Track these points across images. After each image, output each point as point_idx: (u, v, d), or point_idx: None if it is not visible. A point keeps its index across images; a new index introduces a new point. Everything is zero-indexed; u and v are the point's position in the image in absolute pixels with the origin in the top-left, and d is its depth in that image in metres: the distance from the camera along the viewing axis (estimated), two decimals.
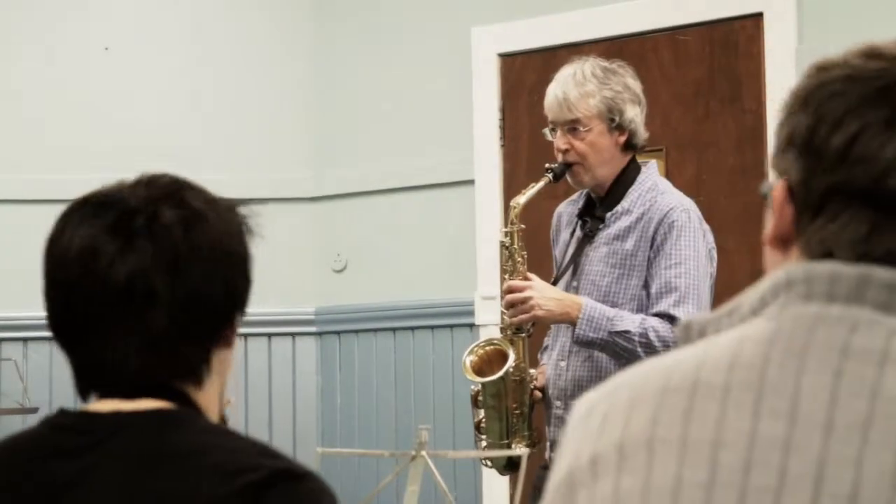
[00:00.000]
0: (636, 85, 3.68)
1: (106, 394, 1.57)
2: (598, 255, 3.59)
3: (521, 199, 3.66)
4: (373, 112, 5.53)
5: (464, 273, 5.20)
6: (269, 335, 5.42)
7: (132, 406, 1.55)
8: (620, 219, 3.59)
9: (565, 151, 3.59)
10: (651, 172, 3.67)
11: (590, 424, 1.18)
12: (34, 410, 4.70)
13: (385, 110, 5.50)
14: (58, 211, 1.61)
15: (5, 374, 5.15)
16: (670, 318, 3.46)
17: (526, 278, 3.60)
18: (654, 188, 3.61)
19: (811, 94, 1.20)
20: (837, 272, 1.14)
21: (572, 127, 3.58)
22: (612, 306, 3.53)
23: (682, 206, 3.56)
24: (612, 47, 5.07)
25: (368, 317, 5.42)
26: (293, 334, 5.50)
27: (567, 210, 3.77)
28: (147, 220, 1.54)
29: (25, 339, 5.29)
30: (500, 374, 3.61)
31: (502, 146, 5.24)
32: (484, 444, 3.68)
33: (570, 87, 3.60)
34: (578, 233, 3.68)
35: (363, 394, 5.41)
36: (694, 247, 3.51)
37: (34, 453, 1.55)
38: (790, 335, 1.13)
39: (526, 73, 5.22)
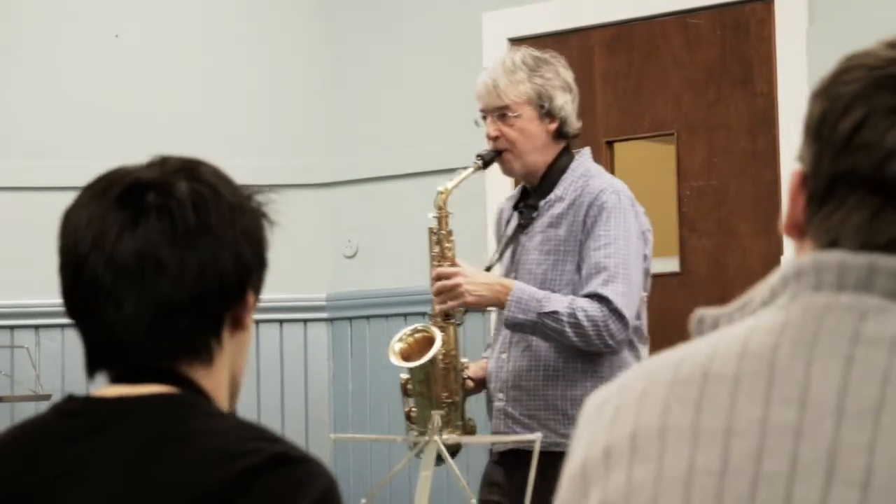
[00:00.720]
0: (568, 74, 3.70)
1: (114, 375, 1.58)
2: (533, 243, 3.61)
3: (449, 184, 3.69)
4: (384, 98, 5.53)
5: (474, 259, 5.18)
6: (281, 321, 5.43)
7: (137, 391, 1.55)
8: (554, 206, 3.60)
9: (495, 138, 3.62)
10: (584, 159, 3.67)
11: (602, 417, 1.19)
12: (47, 397, 4.69)
13: (396, 96, 5.50)
14: (63, 198, 1.62)
15: (18, 361, 5.16)
16: (599, 298, 3.46)
17: (454, 265, 3.61)
18: (586, 173, 3.61)
19: (830, 82, 1.20)
20: (846, 262, 1.15)
21: (502, 113, 3.60)
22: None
23: (611, 189, 3.56)
24: (622, 31, 5.06)
25: (380, 302, 5.42)
26: (305, 320, 5.51)
27: (507, 206, 3.80)
28: (158, 194, 1.55)
29: (37, 327, 5.31)
30: (427, 358, 3.61)
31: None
32: (414, 433, 3.68)
33: (500, 75, 3.61)
34: (514, 222, 3.69)
35: (375, 379, 5.41)
36: (624, 227, 3.51)
37: (41, 440, 1.56)
38: (800, 324, 1.14)
39: None
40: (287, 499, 1.47)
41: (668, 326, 4.85)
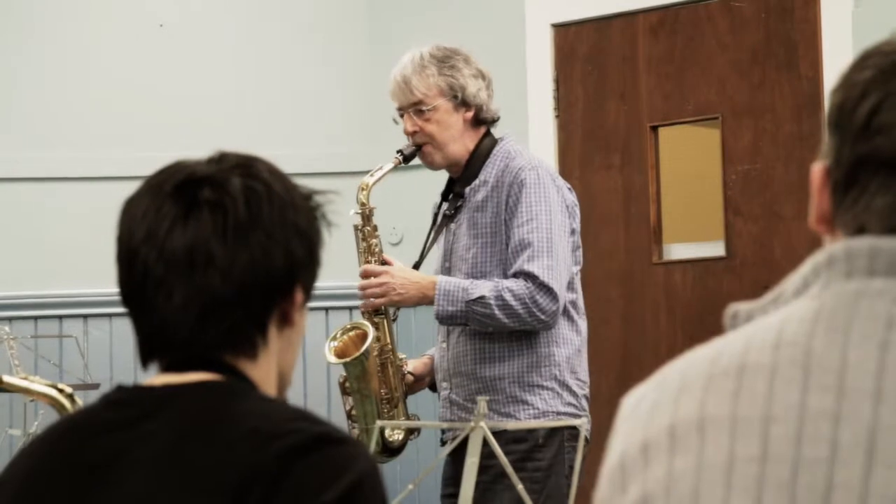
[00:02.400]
0: (477, 63, 3.72)
1: (164, 364, 1.61)
2: (462, 230, 3.63)
3: (370, 179, 3.73)
4: None
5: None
6: (327, 309, 5.44)
7: (183, 378, 1.58)
8: (478, 191, 3.62)
9: (413, 133, 3.65)
10: (506, 143, 3.68)
11: (639, 413, 1.20)
12: (95, 386, 4.71)
13: None
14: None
15: (67, 350, 5.20)
16: (525, 275, 3.48)
17: (384, 262, 3.66)
18: (507, 156, 3.63)
19: (847, 73, 1.21)
20: (876, 247, 1.15)
21: (417, 109, 3.63)
22: (482, 276, 3.56)
23: (530, 165, 3.58)
24: (666, 15, 5.05)
25: None
26: (350, 308, 5.51)
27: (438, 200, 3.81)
28: (211, 189, 1.57)
29: (86, 316, 5.35)
30: (360, 353, 3.62)
31: (557, 117, 5.23)
32: (356, 431, 3.69)
33: (410, 71, 3.65)
34: (444, 210, 3.71)
35: None
36: (545, 201, 3.53)
37: (92, 428, 1.59)
38: (833, 311, 1.14)
39: (579, 42, 5.20)
40: (327, 479, 1.48)
41: (714, 311, 4.83)
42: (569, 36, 5.24)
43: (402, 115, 3.69)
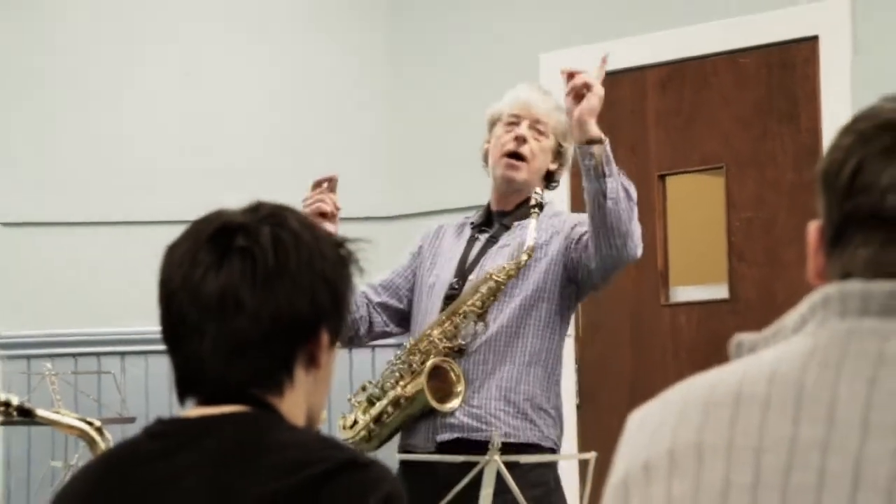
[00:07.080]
0: None
1: (199, 400, 1.68)
2: (501, 253, 3.51)
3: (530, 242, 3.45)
4: (446, 134, 5.61)
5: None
6: (350, 348, 5.57)
7: (217, 411, 1.66)
8: (524, 235, 3.46)
9: (523, 140, 3.55)
10: (553, 205, 3.66)
11: (643, 432, 1.25)
12: (132, 420, 4.81)
13: (457, 132, 5.61)
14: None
15: (105, 386, 5.26)
16: None
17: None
18: (557, 214, 3.61)
19: (835, 139, 1.28)
20: (868, 290, 1.20)
21: (534, 126, 3.56)
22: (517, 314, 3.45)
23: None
24: (673, 70, 5.15)
25: None
26: (373, 346, 5.63)
27: (453, 224, 3.72)
28: (245, 237, 1.65)
29: (123, 354, 5.42)
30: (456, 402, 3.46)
31: (569, 167, 5.37)
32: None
33: (539, 97, 3.61)
34: (477, 236, 3.60)
35: None
36: None
37: (133, 459, 1.67)
38: (826, 348, 1.19)
39: None
40: (356, 499, 1.57)
41: (718, 351, 4.91)
42: None
43: (512, 124, 3.60)
